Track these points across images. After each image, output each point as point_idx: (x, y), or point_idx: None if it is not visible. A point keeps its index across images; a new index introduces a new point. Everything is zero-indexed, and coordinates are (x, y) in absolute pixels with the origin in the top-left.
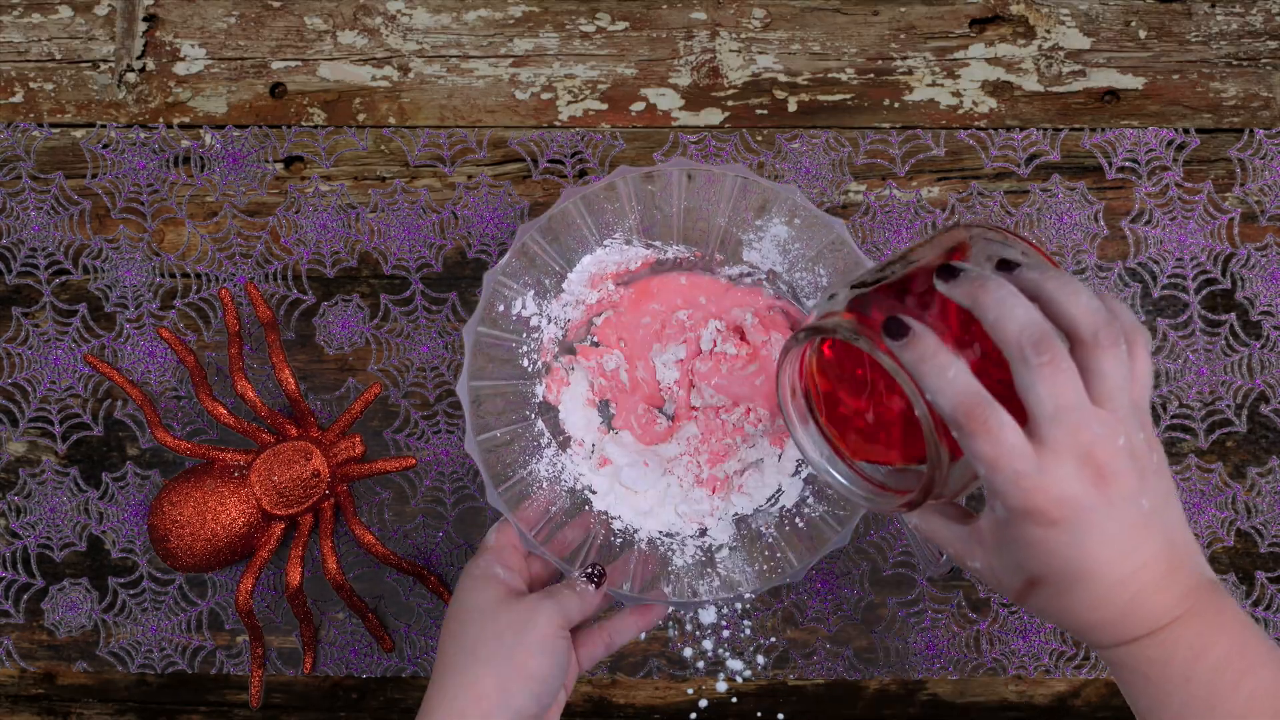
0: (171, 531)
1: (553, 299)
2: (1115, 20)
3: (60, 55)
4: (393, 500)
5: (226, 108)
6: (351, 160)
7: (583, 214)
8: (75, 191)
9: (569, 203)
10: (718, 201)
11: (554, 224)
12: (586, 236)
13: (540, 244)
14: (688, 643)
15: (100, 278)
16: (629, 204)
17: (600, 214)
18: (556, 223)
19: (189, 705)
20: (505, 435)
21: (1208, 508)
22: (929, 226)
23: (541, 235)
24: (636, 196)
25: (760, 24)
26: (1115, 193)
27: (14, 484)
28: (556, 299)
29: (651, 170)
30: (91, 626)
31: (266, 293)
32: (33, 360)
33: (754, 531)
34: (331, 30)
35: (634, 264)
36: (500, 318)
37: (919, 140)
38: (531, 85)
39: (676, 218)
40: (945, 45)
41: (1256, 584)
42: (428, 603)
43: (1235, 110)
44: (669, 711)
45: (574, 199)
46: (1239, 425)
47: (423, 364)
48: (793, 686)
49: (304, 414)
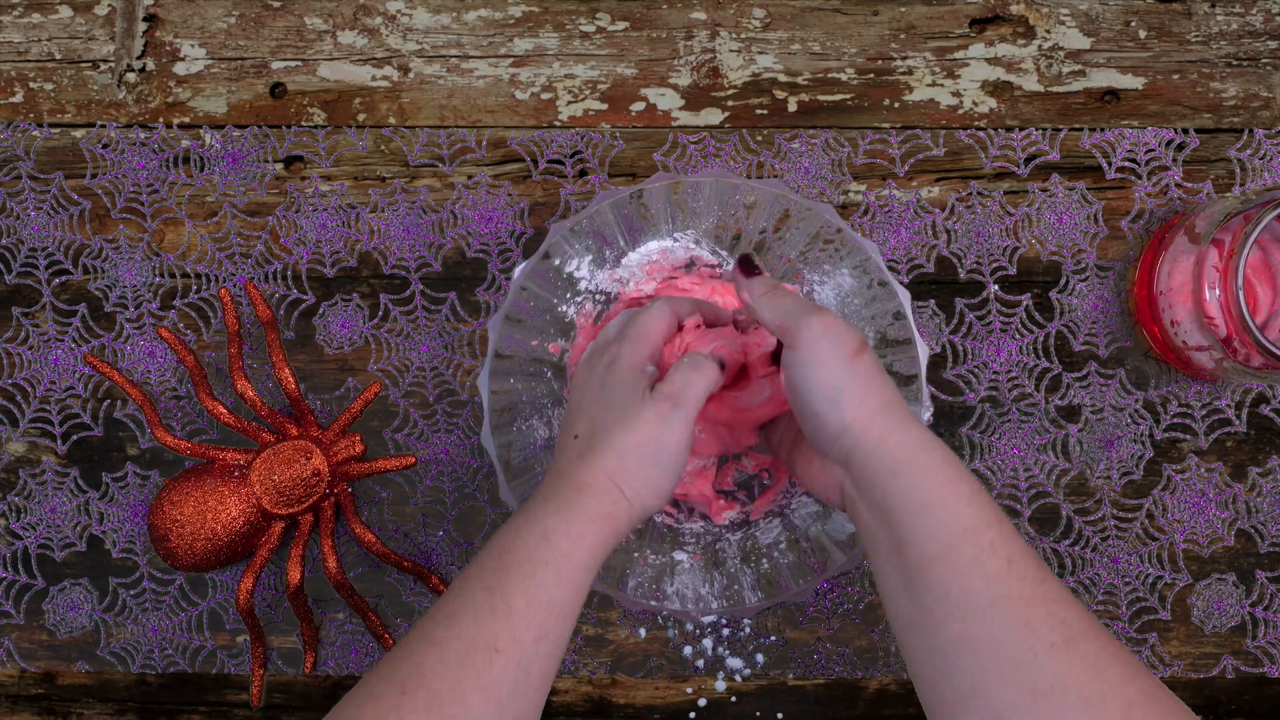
0: (172, 531)
1: (606, 271)
2: (1115, 20)
3: (60, 55)
4: (393, 499)
5: (226, 108)
6: (351, 160)
7: (665, 201)
8: (75, 191)
9: (656, 185)
10: (798, 235)
11: (635, 201)
12: (660, 224)
13: (615, 214)
14: (688, 642)
15: (100, 278)
16: (710, 206)
17: (681, 208)
18: (637, 201)
19: (189, 705)
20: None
21: (1208, 508)
22: (929, 226)
23: (616, 209)
24: (720, 203)
25: (760, 24)
26: (1115, 193)
27: (14, 484)
28: (610, 272)
29: (745, 184)
30: (92, 626)
31: (266, 292)
32: (33, 360)
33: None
34: (331, 30)
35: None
36: (551, 270)
37: (919, 140)
38: (531, 85)
39: (751, 235)
40: (945, 45)
41: (1256, 584)
42: (428, 602)
43: (1235, 110)
44: (669, 711)
45: (661, 182)
46: (1239, 425)
47: (422, 364)
48: (792, 686)
49: (304, 413)
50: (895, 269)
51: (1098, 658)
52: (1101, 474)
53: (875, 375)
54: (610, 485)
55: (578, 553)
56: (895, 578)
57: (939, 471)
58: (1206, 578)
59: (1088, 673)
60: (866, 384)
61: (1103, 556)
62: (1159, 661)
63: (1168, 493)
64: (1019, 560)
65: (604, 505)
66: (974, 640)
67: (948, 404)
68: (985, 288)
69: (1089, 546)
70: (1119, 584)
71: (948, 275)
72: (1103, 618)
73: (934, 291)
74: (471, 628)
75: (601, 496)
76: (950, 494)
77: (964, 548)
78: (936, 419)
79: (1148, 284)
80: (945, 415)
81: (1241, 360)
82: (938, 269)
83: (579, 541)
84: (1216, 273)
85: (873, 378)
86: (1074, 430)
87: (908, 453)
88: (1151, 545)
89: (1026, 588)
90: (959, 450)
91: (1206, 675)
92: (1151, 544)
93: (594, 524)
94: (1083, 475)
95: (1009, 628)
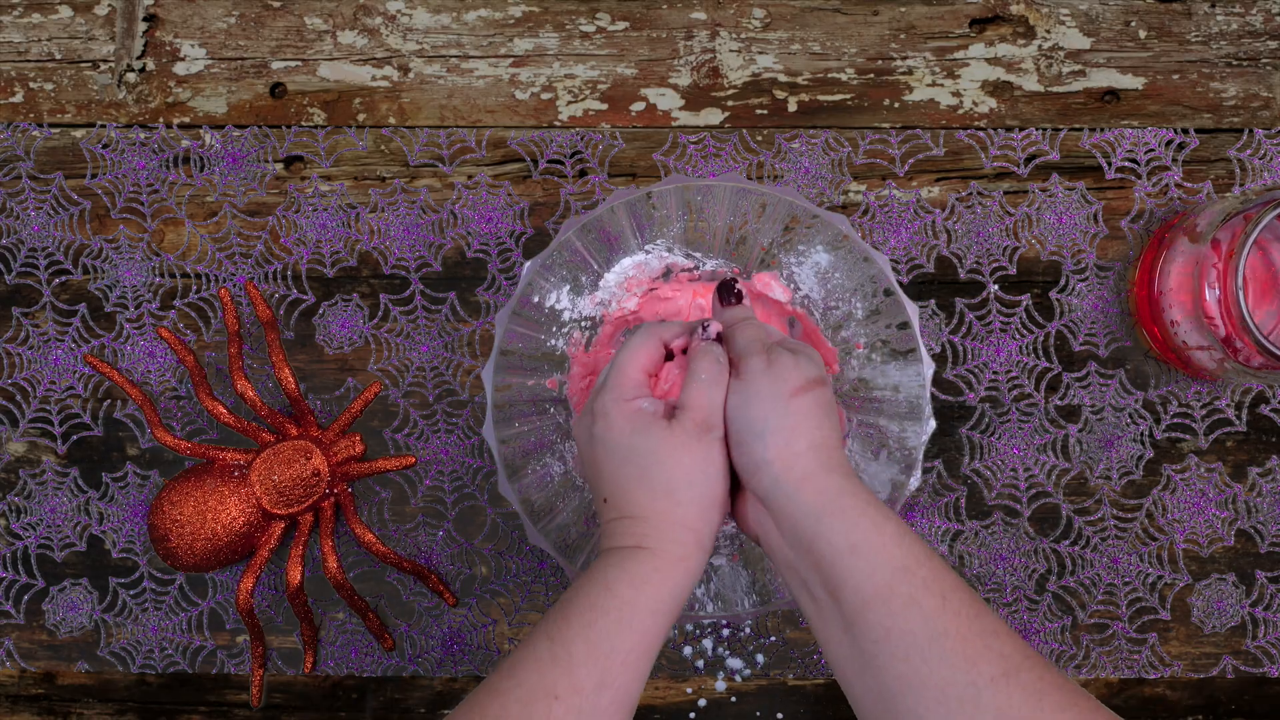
0: (172, 531)
1: (586, 297)
2: (1115, 20)
3: (60, 55)
4: (393, 499)
5: (226, 108)
6: (351, 160)
7: (628, 217)
8: (75, 191)
9: (614, 205)
10: (763, 220)
11: (598, 223)
12: (629, 240)
13: (582, 242)
14: (687, 642)
15: (100, 278)
16: (675, 212)
17: (646, 219)
18: (602, 222)
19: (189, 705)
20: (523, 427)
21: (1208, 508)
22: (929, 226)
23: (583, 234)
24: (682, 206)
25: (760, 24)
26: (1115, 193)
27: (14, 484)
28: (590, 297)
29: (704, 183)
30: (92, 626)
31: (266, 292)
32: (33, 360)
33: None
34: (331, 30)
35: (672, 273)
36: (532, 309)
37: (919, 140)
38: (531, 85)
39: (720, 232)
40: (945, 45)
41: (1256, 584)
42: (428, 602)
43: (1235, 110)
44: (668, 711)
45: (620, 201)
46: (1239, 425)
47: (422, 364)
48: (792, 686)
49: (304, 413)
50: (895, 269)
51: (1036, 686)
52: (1101, 474)
53: (811, 417)
54: (669, 528)
55: (641, 600)
56: (834, 621)
57: (864, 514)
58: (1206, 578)
59: (1027, 702)
60: (798, 424)
61: (1103, 556)
62: (1159, 661)
63: (1168, 493)
64: (953, 595)
65: (671, 551)
66: (919, 680)
67: (948, 404)
68: (985, 288)
69: (1089, 546)
70: (1119, 584)
71: (948, 275)
72: (1103, 617)
73: (934, 291)
74: (533, 676)
75: (665, 544)
76: (878, 536)
77: (899, 586)
78: (937, 419)
79: (1148, 284)
80: (945, 415)
81: (1242, 360)
82: (938, 269)
83: (642, 589)
84: (1216, 273)
85: (808, 418)
86: (1074, 430)
87: (829, 497)
88: (1151, 545)
89: (963, 623)
90: (959, 450)
91: (1206, 675)
92: (1151, 544)
93: (659, 572)
94: (1083, 475)
95: (950, 665)
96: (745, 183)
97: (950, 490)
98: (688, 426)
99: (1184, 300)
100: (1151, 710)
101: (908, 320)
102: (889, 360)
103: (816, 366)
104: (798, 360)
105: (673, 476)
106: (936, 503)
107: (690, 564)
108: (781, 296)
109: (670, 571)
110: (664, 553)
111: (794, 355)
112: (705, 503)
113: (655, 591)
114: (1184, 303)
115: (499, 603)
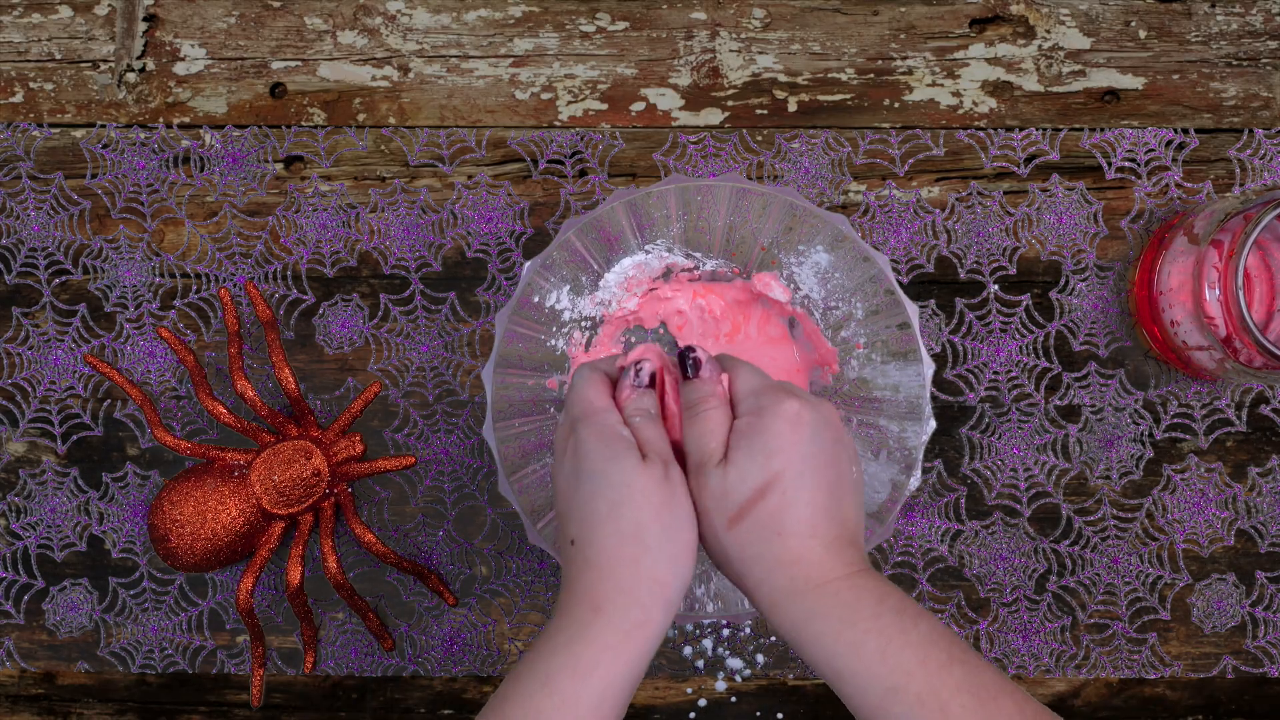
0: (172, 531)
1: (586, 297)
2: (1115, 20)
3: (60, 55)
4: (393, 500)
5: (226, 108)
6: (351, 160)
7: (628, 217)
8: (75, 191)
9: (614, 204)
10: (763, 220)
11: (598, 223)
12: (629, 240)
13: (582, 242)
14: (687, 642)
15: (100, 278)
16: (675, 212)
17: (646, 219)
18: (601, 222)
19: (189, 705)
20: (523, 427)
21: (1208, 508)
22: (929, 226)
23: (583, 234)
24: (682, 206)
25: (760, 24)
26: (1114, 193)
27: (14, 484)
28: (590, 297)
29: (703, 183)
30: (92, 626)
31: (266, 292)
32: (33, 360)
33: None
34: (331, 30)
35: (672, 273)
36: (532, 309)
37: (919, 140)
38: (531, 85)
39: (720, 231)
40: (945, 45)
41: (1256, 584)
42: (428, 602)
43: (1235, 110)
44: (668, 711)
45: (620, 201)
46: (1239, 425)
47: (422, 364)
48: (792, 686)
49: (304, 413)
50: (895, 269)
51: None
52: (1101, 474)
53: (759, 541)
54: (634, 585)
55: (585, 694)
56: None
57: (839, 638)
58: (1206, 578)
59: None
60: (744, 554)
61: (1103, 556)
62: (1159, 661)
63: (1168, 493)
64: (954, 701)
65: (630, 616)
66: None
67: (948, 404)
68: (985, 288)
69: (1089, 546)
70: (1119, 584)
71: (948, 275)
72: (1103, 618)
73: (934, 291)
74: None
75: (626, 607)
76: (859, 661)
77: (892, 708)
78: (937, 419)
79: (1148, 284)
80: (945, 415)
81: (1242, 360)
82: (938, 269)
83: (587, 679)
84: (1216, 273)
85: (753, 544)
86: (1074, 430)
87: (801, 624)
88: (1151, 545)
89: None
90: (959, 450)
91: (1206, 675)
92: (1151, 544)
93: (610, 650)
94: (1083, 475)
95: None
96: (745, 183)
97: (950, 490)
98: (654, 461)
99: (1184, 300)
100: (1151, 710)
101: (908, 320)
102: (889, 360)
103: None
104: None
105: (642, 516)
106: (936, 503)
107: (650, 630)
108: (781, 296)
109: (623, 648)
110: (623, 618)
111: (749, 455)
112: (677, 548)
113: (603, 678)
114: (1184, 303)
115: (499, 603)
